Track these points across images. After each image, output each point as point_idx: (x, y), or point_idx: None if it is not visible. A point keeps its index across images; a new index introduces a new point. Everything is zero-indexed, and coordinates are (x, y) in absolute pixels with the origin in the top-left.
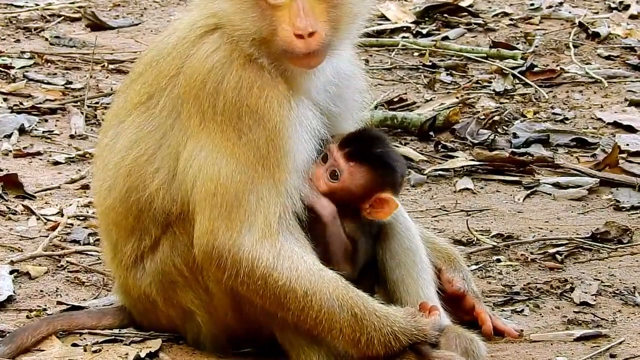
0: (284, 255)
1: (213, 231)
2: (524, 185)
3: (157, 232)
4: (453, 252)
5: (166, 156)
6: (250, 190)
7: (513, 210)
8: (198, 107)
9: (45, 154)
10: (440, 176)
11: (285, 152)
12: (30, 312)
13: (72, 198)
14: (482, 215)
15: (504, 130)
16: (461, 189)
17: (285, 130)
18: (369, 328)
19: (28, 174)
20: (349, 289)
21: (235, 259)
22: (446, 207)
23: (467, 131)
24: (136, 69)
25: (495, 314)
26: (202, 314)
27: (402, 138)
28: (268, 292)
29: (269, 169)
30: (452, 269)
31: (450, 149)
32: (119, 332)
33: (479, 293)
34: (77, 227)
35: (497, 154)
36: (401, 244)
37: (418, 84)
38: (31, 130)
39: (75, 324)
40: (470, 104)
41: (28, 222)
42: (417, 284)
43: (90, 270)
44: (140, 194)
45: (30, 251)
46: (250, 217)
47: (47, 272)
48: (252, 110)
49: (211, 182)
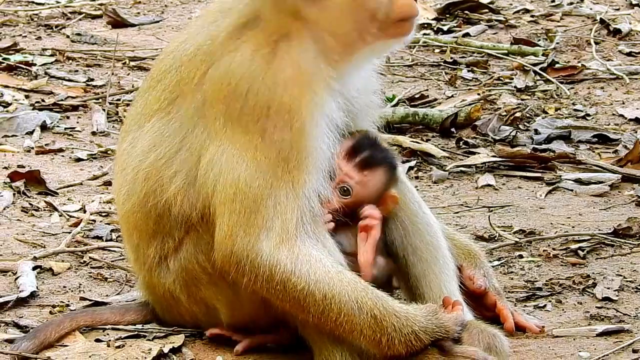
0: (302, 260)
1: (232, 236)
2: (546, 181)
3: (179, 234)
4: (474, 248)
5: (185, 159)
6: (268, 195)
7: (535, 206)
8: (225, 108)
9: (67, 150)
10: (462, 172)
11: (308, 153)
12: (53, 307)
13: (94, 194)
14: (504, 211)
15: (526, 126)
16: (483, 185)
17: (312, 130)
18: (389, 329)
19: (50, 171)
20: (367, 291)
21: (253, 264)
22: (468, 203)
23: (489, 127)
24: (154, 74)
25: (517, 310)
26: (225, 310)
27: (424, 134)
28: (287, 296)
29: (289, 173)
30: (473, 266)
31: (472, 146)
32: (142, 327)
33: (500, 289)
34: (100, 224)
35: (518, 151)
36: (423, 239)
37: (439, 80)
38: (53, 127)
39: (99, 320)
40: (492, 101)
41: (50, 218)
42: (440, 279)
43: (113, 266)
44: (158, 199)
45: (53, 247)
46: (268, 223)
47: (69, 268)
48: (283, 108)
49: (230, 188)
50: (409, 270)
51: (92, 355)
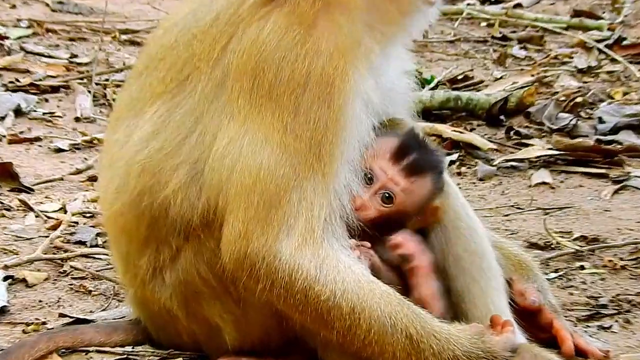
0: (329, 265)
1: (247, 235)
2: (612, 178)
3: (177, 242)
4: (526, 258)
5: (194, 147)
6: (293, 187)
7: (599, 208)
8: (252, 82)
9: (45, 139)
10: (512, 168)
11: (344, 138)
12: (27, 325)
13: (76, 191)
14: (562, 214)
15: (588, 114)
16: (537, 183)
17: (350, 110)
18: (426, 352)
19: (25, 163)
20: (403, 305)
21: (270, 268)
22: (520, 204)
23: (545, 115)
24: (153, 51)
25: (577, 331)
26: (231, 330)
27: (468, 123)
28: (309, 307)
29: (320, 160)
30: (525, 279)
31: (525, 136)
32: (132, 350)
33: (557, 307)
34: (83, 226)
35: (579, 142)
36: (466, 247)
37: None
38: (29, 112)
39: (81, 340)
40: (548, 83)
41: (25, 219)
42: (486, 294)
43: (98, 276)
44: (154, 197)
45: (27, 254)
46: (290, 220)
47: (47, 278)
48: (325, 80)
49: (250, 176)
50: (450, 283)
51: None
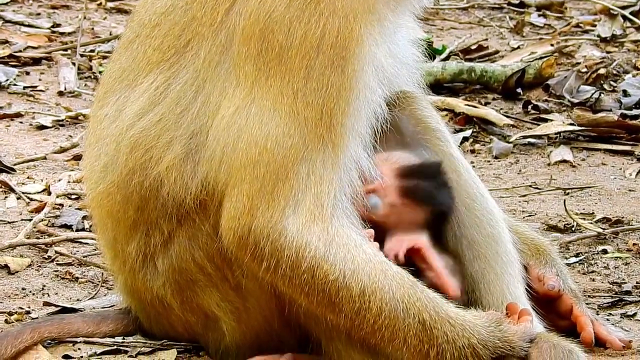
0: (338, 243)
1: (251, 210)
2: (637, 156)
3: (169, 226)
4: (543, 242)
5: (195, 118)
6: (302, 159)
7: (623, 188)
8: (260, 45)
9: (27, 115)
10: (530, 145)
11: (356, 108)
12: (9, 315)
13: (61, 171)
14: (583, 194)
15: (612, 86)
16: (557, 161)
17: (364, 78)
18: (440, 339)
19: (5, 141)
20: (416, 288)
21: (275, 245)
22: (538, 183)
23: (565, 88)
24: (145, 18)
25: (599, 319)
26: (229, 320)
27: (482, 96)
28: (316, 288)
29: (331, 131)
30: (543, 264)
31: (543, 111)
32: (122, 340)
33: (578, 292)
34: (68, 209)
35: (602, 117)
36: (481, 230)
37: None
38: (9, 86)
39: (67, 331)
40: (569, 54)
41: (6, 202)
42: (502, 280)
43: (85, 262)
44: (145, 176)
45: (9, 238)
46: (298, 195)
47: (30, 265)
48: (339, 43)
49: (256, 147)
50: (464, 268)
51: None
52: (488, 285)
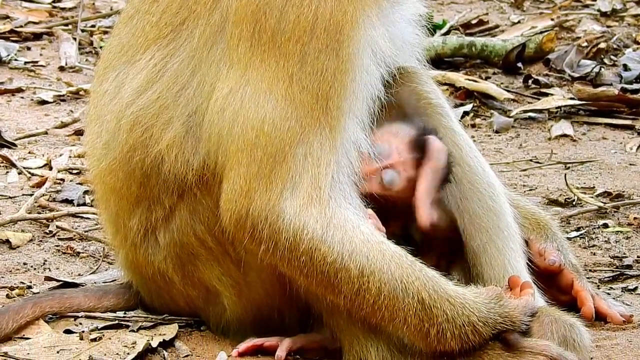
0: (336, 225)
1: (248, 192)
2: (638, 130)
3: (170, 200)
4: (544, 217)
5: (192, 98)
6: (299, 142)
7: (624, 162)
8: (253, 27)
9: (28, 90)
10: (531, 119)
11: (352, 91)
12: (11, 290)
13: (62, 146)
14: (584, 168)
15: (612, 61)
16: (557, 136)
17: (360, 61)
18: (439, 318)
19: (7, 117)
20: (415, 268)
21: (273, 228)
22: (538, 158)
23: (565, 62)
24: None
25: (600, 293)
26: (230, 295)
27: (482, 71)
28: (315, 270)
29: (327, 114)
30: (543, 238)
31: (544, 85)
32: (124, 315)
33: (579, 267)
34: (69, 184)
35: (603, 92)
36: (482, 204)
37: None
38: (10, 61)
39: (69, 305)
40: (569, 28)
41: (7, 177)
42: (503, 254)
43: (87, 237)
44: (146, 153)
45: (10, 213)
46: (295, 177)
47: (31, 239)
48: (333, 27)
49: (252, 130)
50: (465, 242)
51: (60, 350)
52: (489, 259)
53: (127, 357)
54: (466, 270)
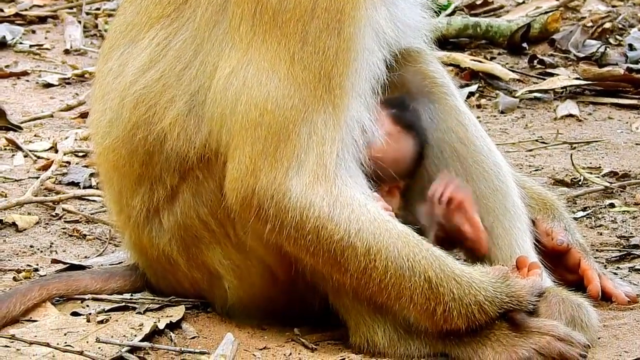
0: (342, 203)
1: (254, 171)
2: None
3: (172, 181)
4: (550, 197)
5: (195, 77)
6: (303, 120)
7: (630, 141)
8: (255, 6)
9: (33, 73)
10: (536, 99)
11: (354, 70)
12: (17, 272)
13: (68, 129)
14: (590, 148)
15: (618, 40)
16: (563, 116)
17: (362, 40)
18: (446, 297)
19: (12, 100)
20: (422, 247)
21: (279, 207)
22: (544, 138)
23: (571, 42)
24: None
25: (606, 273)
26: (231, 279)
27: (487, 51)
28: (321, 248)
29: (331, 92)
30: (550, 218)
31: (549, 65)
32: (130, 297)
33: (586, 246)
34: (75, 166)
35: (608, 71)
36: (489, 184)
37: None
38: (15, 44)
39: (76, 288)
40: (574, 8)
41: (13, 160)
42: (510, 234)
43: (93, 220)
44: (149, 131)
45: (16, 196)
46: (301, 155)
47: (38, 222)
48: (334, 6)
49: (256, 109)
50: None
51: (67, 333)
52: (497, 239)
53: (134, 339)
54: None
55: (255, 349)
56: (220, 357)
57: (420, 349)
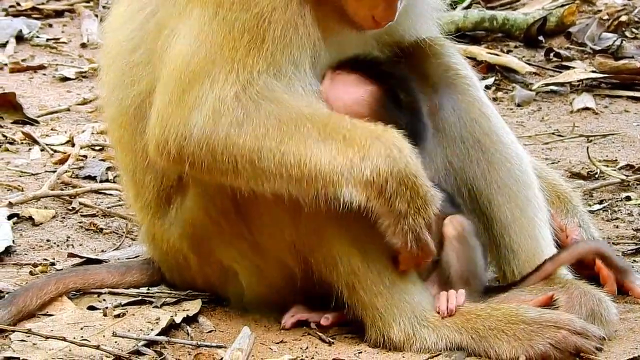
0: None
1: (162, 121)
2: None
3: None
4: (565, 189)
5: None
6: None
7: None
8: None
9: (50, 67)
10: (552, 92)
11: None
12: (34, 267)
13: (84, 123)
14: (606, 141)
15: (634, 33)
16: (580, 109)
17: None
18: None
19: (29, 93)
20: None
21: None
22: (560, 131)
23: (587, 35)
24: None
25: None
26: (247, 275)
27: (504, 44)
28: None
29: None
30: (564, 212)
31: (565, 58)
32: (147, 291)
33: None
34: (92, 160)
35: (624, 64)
36: (512, 174)
37: None
38: (32, 38)
39: (92, 282)
40: (590, 1)
41: (30, 153)
42: (534, 224)
43: (110, 214)
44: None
45: (33, 190)
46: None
47: (54, 216)
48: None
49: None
50: (493, 214)
51: (84, 327)
52: (520, 229)
53: (150, 333)
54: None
55: (272, 342)
56: (236, 351)
57: (437, 342)
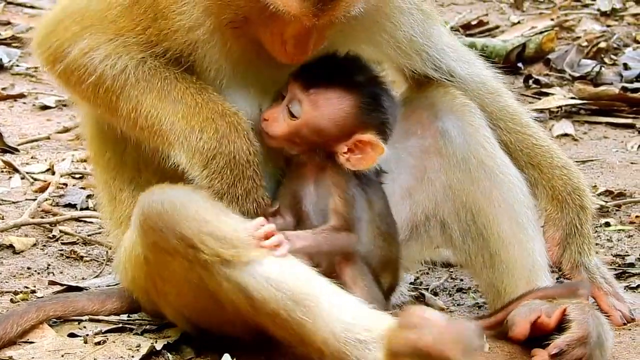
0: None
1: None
2: (639, 129)
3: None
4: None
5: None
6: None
7: (625, 160)
8: None
9: (30, 96)
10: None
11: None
12: (15, 294)
13: (64, 151)
14: (586, 167)
15: (612, 60)
16: (559, 135)
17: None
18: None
19: (9, 122)
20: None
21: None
22: None
23: (566, 62)
24: None
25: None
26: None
27: None
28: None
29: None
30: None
31: (545, 85)
32: (127, 318)
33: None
34: (72, 188)
35: (603, 91)
36: (514, 194)
37: (502, 2)
38: (11, 67)
39: (73, 309)
40: (569, 28)
41: (10, 182)
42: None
43: (90, 241)
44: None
45: (13, 218)
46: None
47: (35, 244)
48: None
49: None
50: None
51: (65, 354)
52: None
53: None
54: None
55: None
56: None
57: None
